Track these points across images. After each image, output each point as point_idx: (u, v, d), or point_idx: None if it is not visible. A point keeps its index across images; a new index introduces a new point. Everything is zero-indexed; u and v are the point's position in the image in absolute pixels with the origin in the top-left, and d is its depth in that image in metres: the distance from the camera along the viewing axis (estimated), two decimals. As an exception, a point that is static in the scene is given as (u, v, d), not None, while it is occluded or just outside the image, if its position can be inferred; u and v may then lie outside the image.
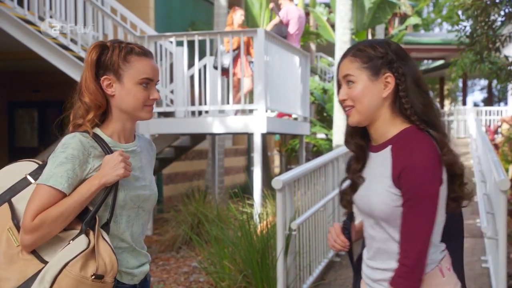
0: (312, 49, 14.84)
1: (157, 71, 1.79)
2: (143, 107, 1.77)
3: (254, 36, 6.75)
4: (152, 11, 9.51)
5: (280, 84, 7.37)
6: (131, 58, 1.76)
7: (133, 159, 1.80)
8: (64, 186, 1.66)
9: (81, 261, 1.63)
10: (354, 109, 1.61)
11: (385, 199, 1.57)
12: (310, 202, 4.81)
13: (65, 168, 1.66)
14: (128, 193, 1.76)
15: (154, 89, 1.78)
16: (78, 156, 1.69)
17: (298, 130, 8.45)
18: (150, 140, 1.97)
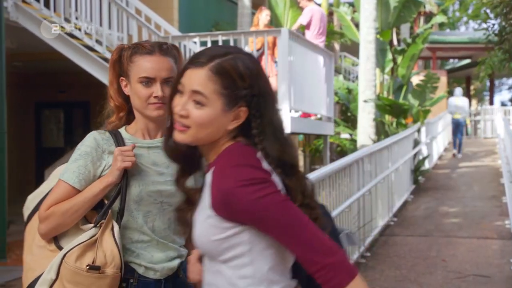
0: (336, 49, 14.76)
1: (162, 68, 1.75)
2: (146, 106, 1.77)
3: (278, 36, 6.73)
4: (176, 11, 9.55)
5: (304, 84, 7.32)
6: (135, 58, 1.78)
7: (157, 154, 1.79)
8: (74, 181, 1.73)
9: (77, 252, 1.68)
10: (190, 131, 1.33)
11: (204, 230, 1.32)
12: (335, 202, 4.76)
13: (77, 164, 1.74)
14: (144, 188, 1.76)
15: (158, 86, 1.75)
16: (90, 153, 1.75)
17: (322, 130, 8.39)
18: None
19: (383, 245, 6.06)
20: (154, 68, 1.76)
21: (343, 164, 5.04)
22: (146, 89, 1.76)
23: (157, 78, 1.76)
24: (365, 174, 5.81)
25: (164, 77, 1.76)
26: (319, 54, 7.98)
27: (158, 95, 1.75)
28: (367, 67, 9.17)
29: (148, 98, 1.76)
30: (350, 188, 5.27)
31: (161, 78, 1.76)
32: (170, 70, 1.77)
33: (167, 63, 1.77)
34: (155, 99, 1.76)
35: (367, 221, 5.72)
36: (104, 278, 1.67)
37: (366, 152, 5.91)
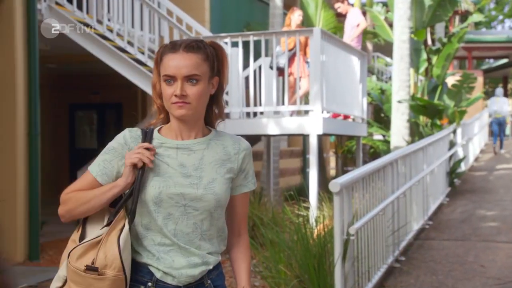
0: (369, 49, 14.56)
1: (183, 66, 1.68)
2: (170, 105, 1.72)
3: (310, 35, 6.63)
4: (207, 12, 9.53)
5: (337, 84, 7.21)
6: (163, 56, 1.74)
7: (186, 156, 1.74)
8: (97, 173, 1.75)
9: (80, 251, 1.67)
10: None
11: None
12: (368, 205, 4.64)
13: (102, 158, 1.76)
14: (165, 190, 1.70)
15: (177, 84, 1.69)
16: (116, 149, 1.76)
17: (355, 131, 8.26)
18: (239, 139, 1.83)
19: (418, 249, 5.91)
20: (175, 66, 1.69)
21: (377, 166, 4.92)
22: (169, 88, 1.71)
23: (177, 76, 1.69)
24: (400, 177, 5.66)
25: (184, 74, 1.69)
26: (352, 54, 7.86)
27: (176, 94, 1.69)
28: (401, 67, 8.98)
29: (171, 97, 1.70)
30: (384, 190, 5.14)
31: (182, 75, 1.69)
32: (193, 67, 1.69)
33: (190, 60, 1.69)
34: (176, 98, 1.69)
35: (401, 224, 5.57)
36: (104, 280, 1.64)
37: (401, 154, 5.77)
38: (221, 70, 1.80)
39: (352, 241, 4.07)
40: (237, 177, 1.81)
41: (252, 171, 1.85)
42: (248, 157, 1.83)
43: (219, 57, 1.79)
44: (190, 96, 1.70)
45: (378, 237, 4.80)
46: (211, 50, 1.76)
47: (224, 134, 1.84)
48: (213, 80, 1.77)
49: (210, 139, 1.79)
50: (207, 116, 1.83)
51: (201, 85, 1.71)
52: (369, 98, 11.90)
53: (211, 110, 1.83)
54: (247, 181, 1.83)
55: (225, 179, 1.76)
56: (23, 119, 6.16)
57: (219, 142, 1.80)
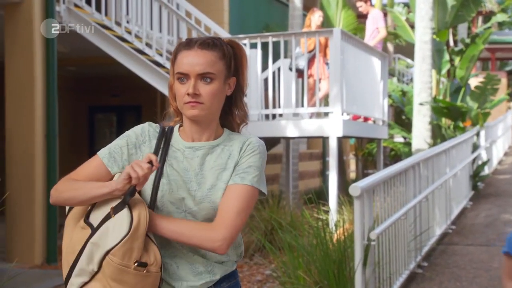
0: (390, 51, 14.38)
1: (197, 63, 1.59)
2: (183, 105, 1.63)
3: (330, 36, 6.53)
4: (226, 14, 9.48)
5: (357, 86, 7.09)
6: (178, 54, 1.65)
7: (189, 159, 1.65)
8: (104, 155, 1.66)
9: (123, 248, 1.50)
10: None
11: None
12: (389, 210, 4.52)
13: (115, 143, 1.69)
14: (167, 194, 1.61)
15: (190, 82, 1.60)
16: (130, 136, 1.69)
17: (376, 133, 8.13)
18: (249, 137, 1.68)
19: (441, 255, 5.76)
20: (188, 63, 1.60)
21: (399, 169, 4.80)
22: (182, 87, 1.62)
23: (190, 73, 1.60)
24: (422, 180, 5.53)
25: (198, 72, 1.59)
26: (373, 55, 7.73)
27: (189, 92, 1.60)
28: (423, 68, 8.83)
29: (184, 96, 1.62)
30: (405, 194, 5.01)
31: (195, 73, 1.60)
32: (207, 65, 1.60)
33: (205, 58, 1.60)
34: (188, 97, 1.60)
35: (424, 229, 5.43)
36: (149, 276, 1.52)
37: (423, 157, 5.63)
38: (240, 70, 1.70)
39: (373, 246, 3.96)
40: (233, 172, 1.65)
41: (250, 168, 1.63)
42: (248, 150, 1.65)
43: (237, 56, 1.70)
44: (203, 96, 1.60)
45: (400, 242, 4.67)
46: (228, 48, 1.67)
47: (237, 136, 1.71)
48: (229, 80, 1.68)
49: (217, 144, 1.69)
50: (227, 120, 1.74)
51: (216, 85, 1.62)
52: (390, 100, 11.74)
53: (232, 113, 1.73)
54: (236, 174, 1.63)
55: (225, 184, 1.63)
56: (41, 121, 6.15)
57: (226, 147, 1.69)
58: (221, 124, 1.73)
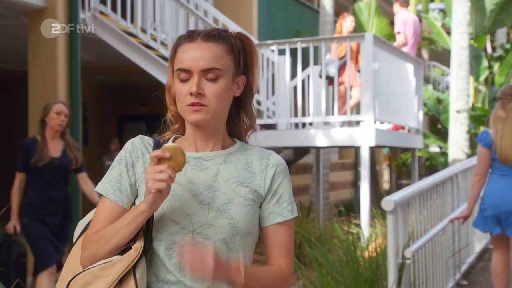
0: (425, 58, 13.97)
1: (201, 57, 1.36)
2: (184, 108, 1.39)
3: (362, 41, 6.25)
4: (255, 20, 9.28)
5: (390, 93, 6.79)
6: (178, 49, 1.42)
7: (197, 171, 1.41)
8: (109, 192, 1.42)
9: (84, 280, 1.34)
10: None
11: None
12: (425, 224, 4.21)
13: (111, 172, 1.45)
14: (168, 212, 1.37)
15: (193, 80, 1.37)
16: (125, 157, 1.45)
17: (410, 143, 7.79)
18: (269, 153, 1.48)
19: (482, 272, 5.39)
20: (190, 57, 1.37)
21: (435, 181, 4.49)
22: (183, 86, 1.39)
23: (193, 69, 1.37)
24: (460, 192, 5.19)
25: (202, 68, 1.36)
26: (407, 61, 7.42)
27: (192, 91, 1.36)
28: (460, 75, 8.48)
29: (186, 97, 1.38)
30: (443, 208, 4.69)
31: (198, 69, 1.36)
32: (212, 59, 1.37)
33: (209, 51, 1.37)
34: (191, 98, 1.37)
35: (463, 245, 5.09)
36: None
37: (461, 168, 5.30)
38: (250, 67, 1.47)
39: (408, 265, 3.66)
40: (267, 201, 1.44)
41: (288, 194, 1.46)
42: (281, 176, 1.45)
43: (247, 52, 1.46)
44: (208, 96, 1.37)
45: (437, 259, 4.35)
46: (237, 42, 1.44)
47: (251, 147, 1.49)
48: (238, 78, 1.44)
49: (230, 153, 1.46)
50: (234, 127, 1.50)
51: (223, 83, 1.39)
52: (425, 108, 11.36)
53: (240, 118, 1.50)
54: (282, 207, 1.44)
55: (245, 200, 1.40)
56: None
57: (242, 157, 1.46)
58: (227, 131, 1.50)
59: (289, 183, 1.47)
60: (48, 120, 4.44)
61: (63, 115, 4.45)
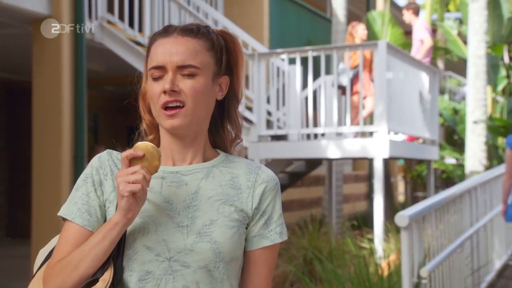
0: (440, 68, 13.74)
1: (176, 52, 1.19)
2: (159, 111, 1.21)
3: (375, 49, 6.05)
4: (266, 30, 9.13)
5: (405, 103, 6.57)
6: (152, 45, 1.25)
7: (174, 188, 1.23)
8: (74, 215, 1.22)
9: None
10: None
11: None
12: (442, 240, 3.99)
13: (75, 194, 1.25)
14: (140, 236, 1.18)
15: (167, 76, 1.20)
16: (91, 175, 1.26)
17: (425, 154, 7.56)
18: (258, 167, 1.29)
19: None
20: (164, 52, 1.20)
21: (452, 195, 4.26)
22: (157, 85, 1.21)
23: (167, 65, 1.20)
24: (479, 207, 4.96)
25: (177, 63, 1.19)
26: (422, 70, 7.20)
27: (165, 89, 1.18)
28: (477, 84, 8.25)
29: (159, 96, 1.20)
30: (461, 223, 4.46)
31: (173, 65, 1.19)
32: (189, 55, 1.20)
33: (186, 46, 1.21)
34: (165, 96, 1.19)
35: (482, 262, 4.84)
36: None
37: (480, 180, 5.07)
38: (234, 69, 1.29)
39: (423, 285, 3.44)
40: (254, 223, 1.25)
41: (278, 215, 1.27)
42: (271, 194, 1.26)
43: (231, 51, 1.29)
44: (185, 92, 1.19)
45: (454, 277, 4.12)
46: (219, 39, 1.27)
47: (238, 160, 1.30)
48: (220, 79, 1.26)
49: (213, 165, 1.27)
50: (217, 137, 1.32)
51: (201, 81, 1.21)
52: (441, 119, 11.11)
53: (224, 127, 1.32)
54: (269, 229, 1.25)
55: (230, 220, 1.22)
56: (69, 142, 5.90)
57: (226, 170, 1.27)
58: (210, 142, 1.32)
59: (280, 202, 1.28)
60: None
61: None
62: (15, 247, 8.10)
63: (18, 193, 9.05)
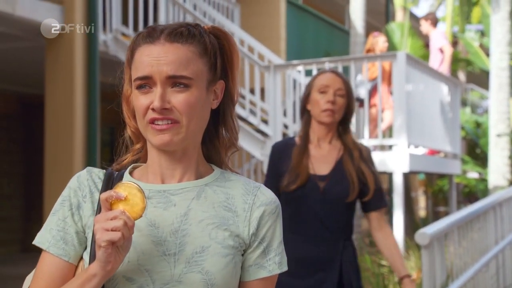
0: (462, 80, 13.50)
1: (165, 62, 1.05)
2: (146, 126, 1.07)
3: (394, 60, 5.89)
4: (283, 42, 9.02)
5: (425, 116, 6.39)
6: (135, 50, 1.10)
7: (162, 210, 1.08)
8: (49, 244, 1.09)
9: None
10: None
11: None
12: (466, 260, 3.79)
13: (55, 217, 1.11)
14: (122, 267, 1.04)
15: (156, 91, 1.06)
16: (68, 198, 1.12)
17: (447, 168, 7.34)
18: (257, 187, 1.15)
19: None
20: (151, 62, 1.06)
21: (476, 211, 4.06)
22: (144, 98, 1.07)
23: (155, 77, 1.06)
24: (504, 223, 4.74)
25: (167, 74, 1.05)
26: (443, 82, 7.01)
27: (154, 106, 1.05)
28: (500, 97, 8.07)
29: (146, 111, 1.07)
30: (485, 240, 4.25)
31: (162, 77, 1.05)
32: (180, 65, 1.06)
33: (176, 54, 1.07)
34: (153, 113, 1.05)
35: (508, 282, 4.62)
36: None
37: (505, 196, 4.85)
38: (229, 71, 1.15)
39: (446, 307, 3.25)
40: (251, 250, 1.10)
41: (277, 242, 1.12)
42: (271, 218, 1.11)
43: (226, 51, 1.15)
44: (177, 109, 1.06)
45: (479, 299, 3.91)
46: (212, 40, 1.13)
47: (235, 177, 1.15)
48: (215, 85, 1.13)
49: (206, 184, 1.12)
50: (211, 146, 1.18)
51: (195, 93, 1.07)
52: (463, 132, 10.87)
53: (218, 135, 1.17)
54: (267, 258, 1.11)
55: (224, 247, 1.07)
56: (81, 156, 5.83)
57: (221, 190, 1.12)
58: (203, 153, 1.17)
59: (280, 227, 1.13)
60: None
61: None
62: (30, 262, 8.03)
63: (34, 208, 9.01)
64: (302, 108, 2.47)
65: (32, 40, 6.04)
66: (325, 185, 2.28)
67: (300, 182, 2.26)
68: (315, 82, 2.45)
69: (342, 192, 2.29)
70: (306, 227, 2.28)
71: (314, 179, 2.29)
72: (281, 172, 2.33)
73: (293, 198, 2.28)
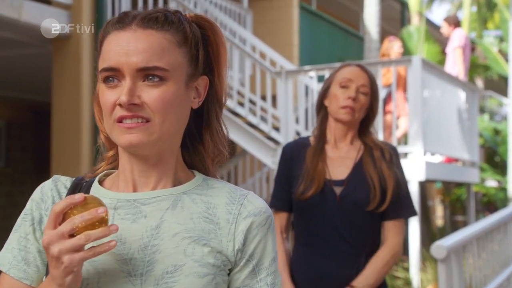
0: (480, 87, 13.24)
1: (135, 51, 0.90)
2: (113, 124, 0.92)
3: (409, 66, 5.71)
4: (296, 48, 8.88)
5: (442, 123, 6.19)
6: (105, 39, 0.95)
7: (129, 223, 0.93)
8: (10, 265, 0.94)
9: None
10: None
11: None
12: (486, 272, 3.60)
13: (13, 236, 0.98)
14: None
15: (125, 85, 0.90)
16: (30, 211, 0.98)
17: (465, 177, 7.12)
18: (245, 195, 0.98)
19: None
20: (119, 51, 0.90)
21: (497, 222, 3.87)
22: (110, 93, 0.92)
23: (123, 68, 0.90)
24: (525, 234, 4.53)
25: (137, 66, 0.90)
26: (460, 88, 6.81)
27: (121, 102, 0.89)
28: (519, 103, 7.85)
29: (113, 108, 0.91)
30: (506, 252, 4.05)
31: (132, 68, 0.90)
32: (153, 54, 0.90)
33: (149, 42, 0.91)
34: (121, 110, 0.90)
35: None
36: None
37: (526, 206, 4.64)
38: (215, 65, 0.99)
39: (465, 324, 3.06)
40: (238, 269, 0.94)
41: (270, 260, 0.95)
42: (260, 231, 0.95)
43: (211, 43, 0.99)
44: (149, 106, 0.90)
45: (499, 314, 3.71)
46: (194, 29, 0.97)
47: (219, 184, 0.99)
48: (197, 81, 0.97)
49: (184, 192, 0.96)
50: (194, 153, 1.02)
51: (171, 88, 0.91)
52: (481, 140, 10.62)
53: (203, 142, 1.01)
54: (257, 279, 0.94)
55: (202, 266, 0.90)
56: (87, 162, 5.73)
57: (201, 198, 0.96)
58: (185, 160, 1.01)
59: (273, 242, 0.96)
60: None
61: None
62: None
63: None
64: (319, 103, 2.11)
65: (39, 46, 5.97)
66: (342, 191, 1.98)
67: (316, 189, 1.97)
68: (336, 75, 2.12)
69: (361, 199, 1.97)
70: (323, 240, 1.98)
71: (330, 185, 1.99)
72: (294, 176, 2.04)
73: (307, 207, 1.99)
